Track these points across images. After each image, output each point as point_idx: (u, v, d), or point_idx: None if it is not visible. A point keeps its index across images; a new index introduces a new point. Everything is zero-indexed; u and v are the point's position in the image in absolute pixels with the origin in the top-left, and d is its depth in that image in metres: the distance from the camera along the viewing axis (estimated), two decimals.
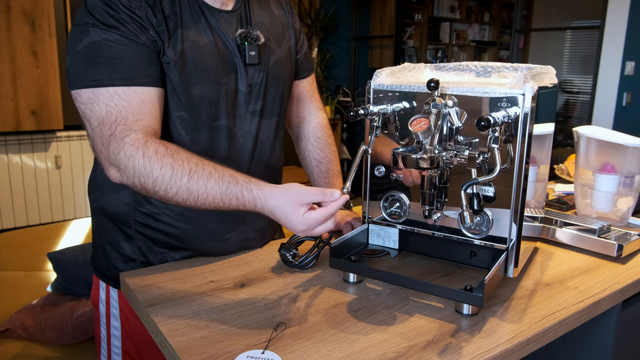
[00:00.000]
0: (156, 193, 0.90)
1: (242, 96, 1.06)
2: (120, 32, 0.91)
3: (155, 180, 0.89)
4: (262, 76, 1.08)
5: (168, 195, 0.90)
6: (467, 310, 0.88)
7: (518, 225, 0.93)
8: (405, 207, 1.04)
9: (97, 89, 0.90)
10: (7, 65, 3.60)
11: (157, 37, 0.94)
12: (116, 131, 0.90)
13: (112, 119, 0.90)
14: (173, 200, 0.91)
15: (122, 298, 1.10)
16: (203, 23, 1.00)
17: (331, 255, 0.98)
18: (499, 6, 6.96)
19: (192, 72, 0.98)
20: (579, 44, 5.75)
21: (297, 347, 0.78)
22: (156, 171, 0.88)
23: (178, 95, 0.98)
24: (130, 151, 0.89)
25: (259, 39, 1.06)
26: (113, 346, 1.13)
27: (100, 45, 0.90)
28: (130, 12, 0.92)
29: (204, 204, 0.90)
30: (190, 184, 0.89)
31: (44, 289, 2.08)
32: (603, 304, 0.97)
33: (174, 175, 0.89)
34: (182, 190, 0.89)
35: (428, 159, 0.85)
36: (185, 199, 0.90)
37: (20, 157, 3.81)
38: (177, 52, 0.96)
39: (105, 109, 0.90)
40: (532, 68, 0.95)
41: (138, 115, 0.92)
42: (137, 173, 0.89)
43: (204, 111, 1.01)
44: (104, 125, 0.90)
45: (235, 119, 1.06)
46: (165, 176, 0.88)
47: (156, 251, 1.08)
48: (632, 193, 1.36)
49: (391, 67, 1.05)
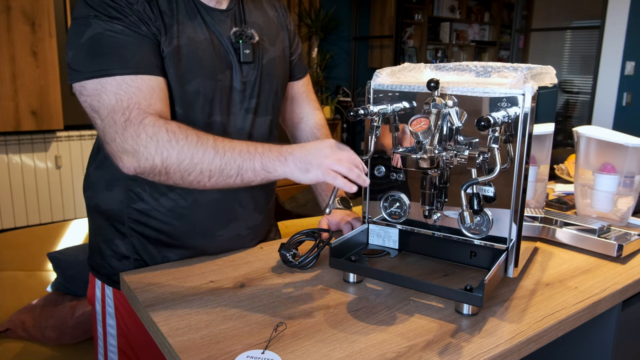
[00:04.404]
0: (181, 164, 0.88)
1: (237, 93, 1.06)
2: (123, 23, 0.91)
3: (181, 149, 0.88)
4: (256, 74, 1.08)
5: (193, 162, 0.88)
6: (467, 310, 0.88)
7: (518, 225, 0.93)
8: (405, 207, 1.04)
9: (104, 79, 0.89)
10: (7, 65, 3.60)
11: (156, 31, 0.94)
12: (131, 116, 0.88)
13: (124, 105, 0.88)
14: (197, 169, 0.89)
15: (117, 296, 1.11)
16: (199, 20, 1.01)
17: (331, 255, 0.98)
18: (499, 6, 6.96)
19: (187, 68, 0.98)
20: (579, 44, 5.75)
21: (297, 347, 0.78)
22: (182, 141, 0.88)
23: (172, 91, 0.98)
24: (152, 130, 0.88)
25: (253, 38, 1.06)
26: (109, 344, 1.13)
27: (103, 36, 0.90)
28: (128, 6, 0.92)
29: (227, 166, 0.90)
30: (217, 142, 0.90)
31: (44, 289, 2.08)
32: (603, 304, 0.97)
33: (199, 142, 0.89)
34: (208, 151, 0.88)
35: (428, 159, 0.85)
36: (209, 164, 0.89)
37: (20, 157, 3.82)
38: (173, 47, 0.96)
39: (114, 97, 0.89)
40: (532, 68, 0.95)
41: (150, 100, 0.91)
42: (159, 149, 0.87)
43: (198, 107, 1.01)
44: (116, 113, 0.88)
45: (229, 116, 1.06)
46: (191, 143, 0.88)
47: (149, 248, 1.08)
48: (632, 193, 1.36)
49: (391, 67, 1.05)
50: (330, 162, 0.89)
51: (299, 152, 0.91)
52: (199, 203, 1.06)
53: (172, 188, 1.04)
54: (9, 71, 3.62)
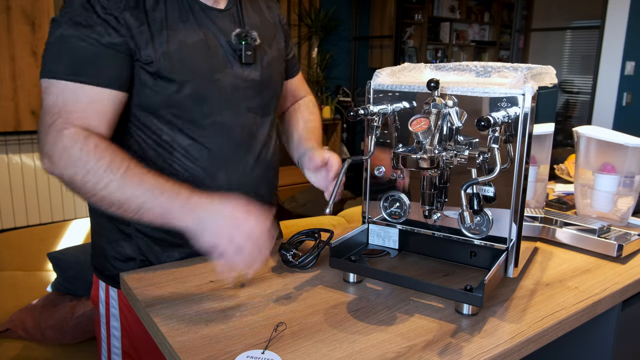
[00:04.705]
0: (84, 185, 0.87)
1: (240, 92, 1.06)
2: (88, 31, 0.91)
3: (88, 172, 0.86)
4: (257, 75, 1.09)
5: (95, 188, 0.86)
6: (467, 310, 0.88)
7: (518, 225, 0.93)
8: (405, 207, 1.04)
9: (52, 81, 0.91)
10: (7, 65, 3.60)
11: (130, 40, 0.94)
12: (57, 122, 0.89)
13: (55, 109, 0.90)
14: (98, 196, 0.87)
15: (121, 298, 1.10)
16: (192, 21, 1.00)
17: (331, 255, 0.98)
18: (499, 6, 6.96)
19: (180, 72, 0.98)
20: (579, 44, 5.75)
21: (297, 347, 0.78)
22: (91, 163, 0.86)
23: (168, 93, 0.98)
24: (67, 143, 0.87)
25: (256, 40, 1.07)
26: (113, 346, 1.13)
27: (66, 39, 0.92)
28: (106, 13, 0.92)
29: (128, 201, 0.86)
30: (127, 174, 0.87)
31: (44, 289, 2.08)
32: (603, 304, 0.97)
33: (108, 168, 0.86)
34: (114, 181, 0.86)
35: (428, 159, 0.85)
36: (111, 193, 0.86)
37: (20, 157, 3.81)
38: (162, 53, 0.96)
39: (53, 100, 0.91)
40: (532, 68, 0.95)
41: (83, 114, 0.91)
42: (68, 165, 0.87)
43: (197, 109, 1.01)
44: (47, 115, 0.90)
45: (232, 116, 1.06)
46: (99, 169, 0.86)
47: (156, 249, 1.07)
48: (632, 193, 1.36)
49: (391, 67, 1.05)
50: (225, 240, 0.84)
51: (203, 211, 0.86)
52: None
53: None
54: (9, 71, 3.62)
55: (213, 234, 0.84)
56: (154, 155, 1.03)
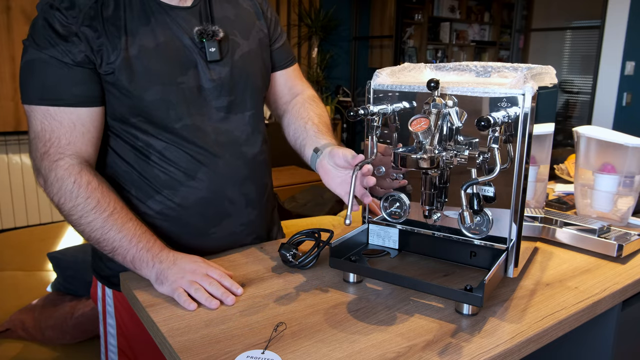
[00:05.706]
0: (69, 215, 0.96)
1: (207, 92, 1.04)
2: (50, 53, 0.93)
3: (75, 206, 0.94)
4: (227, 71, 1.05)
5: (80, 221, 0.95)
6: (467, 310, 0.88)
7: (518, 225, 0.93)
8: (405, 207, 1.04)
9: (32, 106, 0.95)
10: (7, 65, 3.60)
11: (91, 53, 0.95)
12: (50, 150, 0.95)
13: (46, 137, 0.95)
14: (79, 228, 0.96)
15: (117, 297, 1.11)
16: (153, 24, 0.98)
17: (331, 255, 0.98)
18: (499, 6, 6.96)
19: (142, 77, 0.97)
20: (579, 44, 5.75)
21: (297, 347, 0.78)
22: (80, 198, 0.94)
23: (132, 101, 0.98)
24: (62, 174, 0.95)
25: (217, 34, 1.03)
26: (109, 344, 1.14)
27: (33, 64, 0.94)
28: (65, 30, 0.93)
29: (105, 241, 0.95)
30: (111, 217, 0.95)
31: (44, 289, 2.08)
32: (603, 304, 0.97)
33: (94, 208, 0.94)
34: (96, 221, 0.94)
35: (428, 159, 0.85)
36: (92, 230, 0.95)
37: (20, 157, 3.82)
38: (122, 60, 0.95)
39: (40, 126, 0.95)
40: (532, 68, 0.95)
41: (70, 138, 0.96)
42: (59, 193, 0.95)
43: (163, 114, 1.00)
44: (39, 141, 0.96)
45: (202, 117, 1.04)
46: (87, 206, 0.94)
47: None
48: (632, 193, 1.36)
49: (391, 67, 1.05)
50: (186, 281, 0.92)
51: (166, 264, 0.95)
52: (187, 203, 1.05)
53: (157, 190, 1.04)
54: (9, 71, 3.62)
55: (173, 281, 0.93)
56: (134, 159, 1.04)
